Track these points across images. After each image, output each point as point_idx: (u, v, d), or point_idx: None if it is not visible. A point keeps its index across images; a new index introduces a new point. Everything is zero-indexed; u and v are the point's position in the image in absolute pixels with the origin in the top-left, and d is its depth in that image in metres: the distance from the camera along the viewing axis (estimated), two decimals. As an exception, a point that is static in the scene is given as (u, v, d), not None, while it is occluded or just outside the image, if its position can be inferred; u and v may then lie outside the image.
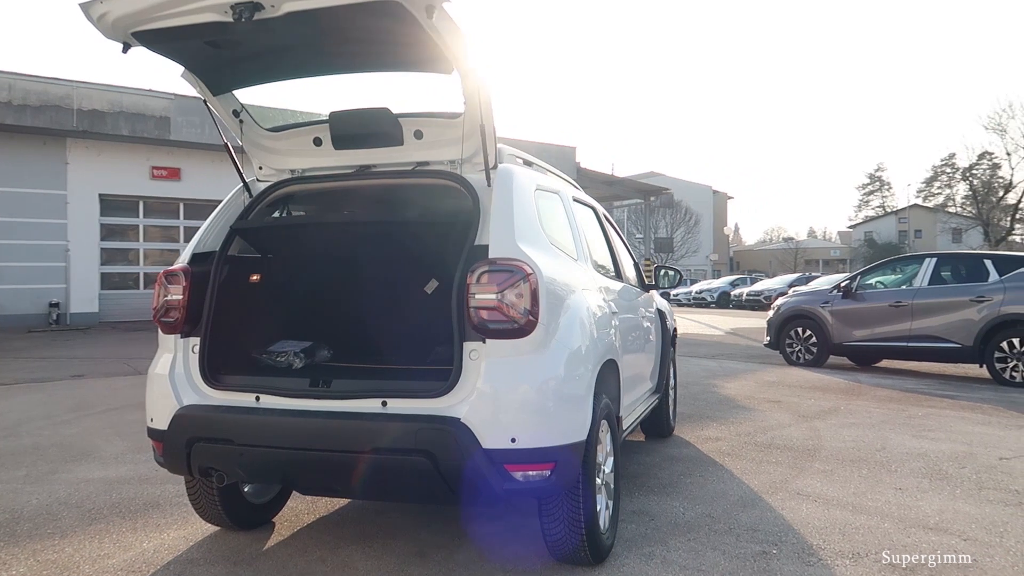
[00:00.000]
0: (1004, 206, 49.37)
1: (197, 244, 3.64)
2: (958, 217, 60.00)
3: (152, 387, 3.48)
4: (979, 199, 51.05)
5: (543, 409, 2.98)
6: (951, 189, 69.24)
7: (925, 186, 75.16)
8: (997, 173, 52.86)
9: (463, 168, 3.55)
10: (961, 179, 60.51)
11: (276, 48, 3.24)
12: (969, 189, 55.50)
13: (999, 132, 45.89)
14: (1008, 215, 49.17)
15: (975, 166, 55.48)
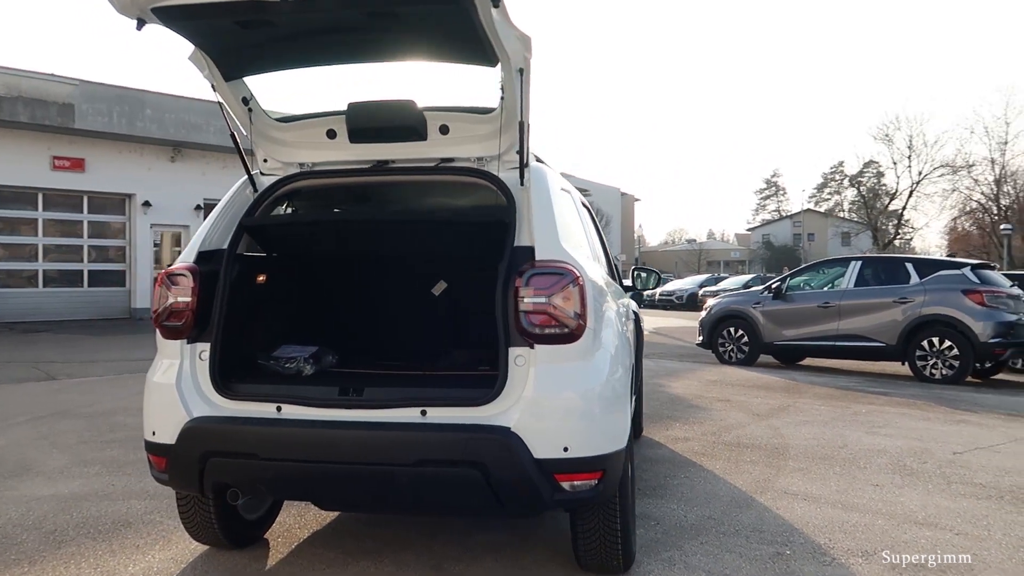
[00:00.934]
0: (889, 212, 52.42)
1: (203, 241, 3.35)
2: (849, 222, 63.34)
3: (154, 397, 3.18)
4: (868, 205, 54.01)
5: (594, 416, 2.89)
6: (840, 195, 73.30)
7: (817, 192, 79.26)
8: (881, 180, 56.16)
9: (491, 165, 3.41)
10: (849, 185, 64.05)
11: (312, 31, 3.01)
12: (857, 195, 58.66)
13: (886, 142, 48.61)
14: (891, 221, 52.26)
15: (861, 173, 58.82)
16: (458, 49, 3.08)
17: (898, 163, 48.90)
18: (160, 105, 19.62)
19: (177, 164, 20.69)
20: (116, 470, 5.26)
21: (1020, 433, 6.78)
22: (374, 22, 2.91)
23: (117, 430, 6.59)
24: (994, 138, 47.86)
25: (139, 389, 9.20)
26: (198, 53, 3.16)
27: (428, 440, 2.80)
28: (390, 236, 3.75)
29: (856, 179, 60.30)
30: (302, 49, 3.22)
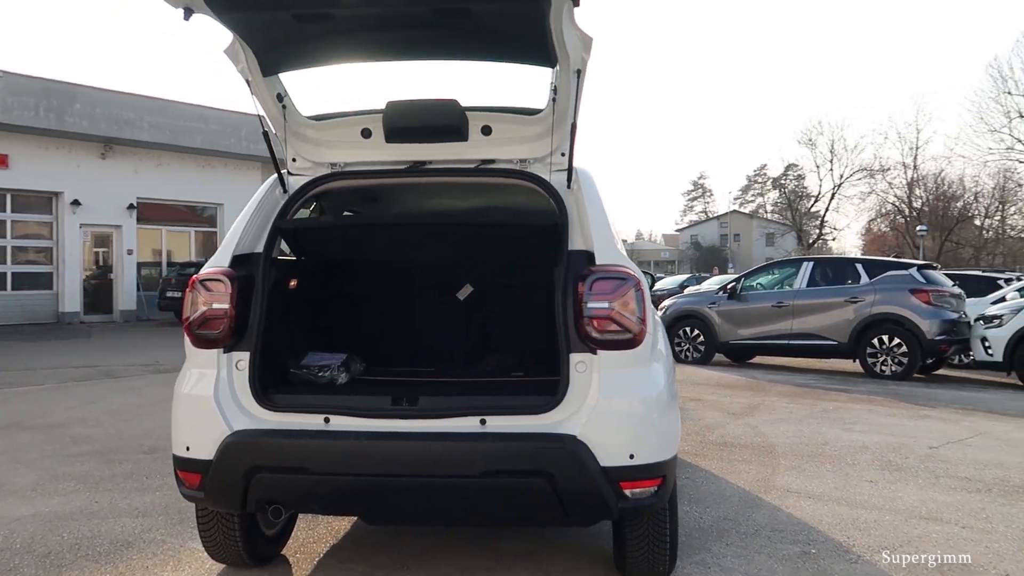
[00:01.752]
0: (812, 214, 54.36)
1: (237, 245, 3.16)
2: (774, 223, 65.43)
3: (188, 410, 2.99)
4: (793, 207, 55.87)
5: (656, 422, 2.86)
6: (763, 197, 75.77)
7: (742, 194, 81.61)
8: (803, 183, 58.21)
9: (535, 167, 3.33)
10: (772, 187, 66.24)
11: (371, 26, 2.88)
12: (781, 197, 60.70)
13: (810, 146, 50.43)
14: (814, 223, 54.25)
15: (783, 176, 60.91)
16: (520, 49, 3.01)
17: (821, 167, 50.81)
18: (91, 99, 18.76)
19: (108, 161, 19.82)
20: (94, 486, 4.96)
21: (983, 427, 7.08)
22: (442, 18, 2.81)
23: (80, 443, 6.24)
24: (907, 143, 50.17)
25: (90, 398, 8.79)
26: (239, 46, 2.98)
27: (494, 450, 2.71)
28: (433, 240, 3.63)
29: (779, 181, 62.45)
30: (354, 44, 3.08)
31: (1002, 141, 37.60)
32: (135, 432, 6.68)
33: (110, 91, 19.27)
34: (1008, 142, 37.31)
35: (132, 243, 20.62)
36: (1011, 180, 43.10)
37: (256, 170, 23.15)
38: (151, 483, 5.04)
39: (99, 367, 11.32)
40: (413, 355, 3.83)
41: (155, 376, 10.43)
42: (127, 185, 20.22)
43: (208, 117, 21.13)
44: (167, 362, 11.92)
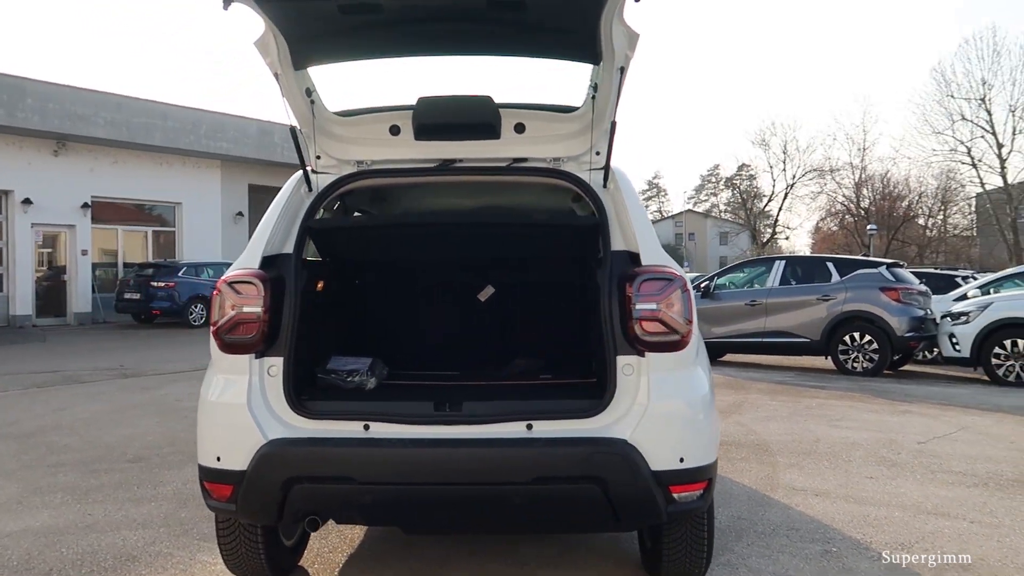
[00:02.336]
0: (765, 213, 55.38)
1: (266, 246, 3.02)
2: (728, 222, 66.47)
3: (217, 419, 2.86)
4: (747, 206, 56.83)
5: (703, 425, 2.83)
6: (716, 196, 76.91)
7: (695, 193, 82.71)
8: (755, 183, 59.25)
9: (569, 166, 3.27)
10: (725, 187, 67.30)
11: (418, 18, 2.78)
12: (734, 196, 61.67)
13: (763, 147, 51.36)
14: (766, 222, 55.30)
15: (735, 176, 61.95)
16: (566, 45, 2.94)
17: (774, 167, 51.79)
18: (43, 94, 18.11)
19: (61, 158, 19.17)
20: (82, 497, 4.76)
21: (963, 422, 7.24)
22: (494, 11, 2.73)
23: (57, 452, 5.99)
24: (855, 144, 51.42)
25: (58, 405, 8.50)
26: (272, 37, 2.84)
27: (545, 456, 2.65)
28: (462, 240, 3.54)
29: (731, 181, 63.49)
30: (395, 38, 2.98)
31: (945, 143, 38.81)
32: (114, 440, 6.44)
33: (63, 86, 18.62)
34: (951, 144, 38.51)
35: (86, 243, 19.98)
36: (953, 181, 44.49)
37: (216, 168, 22.68)
38: (143, 493, 4.86)
39: (61, 372, 10.92)
40: (438, 357, 3.73)
41: (122, 381, 10.11)
42: (81, 183, 19.59)
43: (167, 114, 20.59)
44: (132, 366, 11.58)
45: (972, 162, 38.33)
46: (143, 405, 8.14)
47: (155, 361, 12.25)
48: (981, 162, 37.92)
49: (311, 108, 3.21)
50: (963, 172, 41.18)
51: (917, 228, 49.24)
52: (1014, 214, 37.42)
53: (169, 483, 5.08)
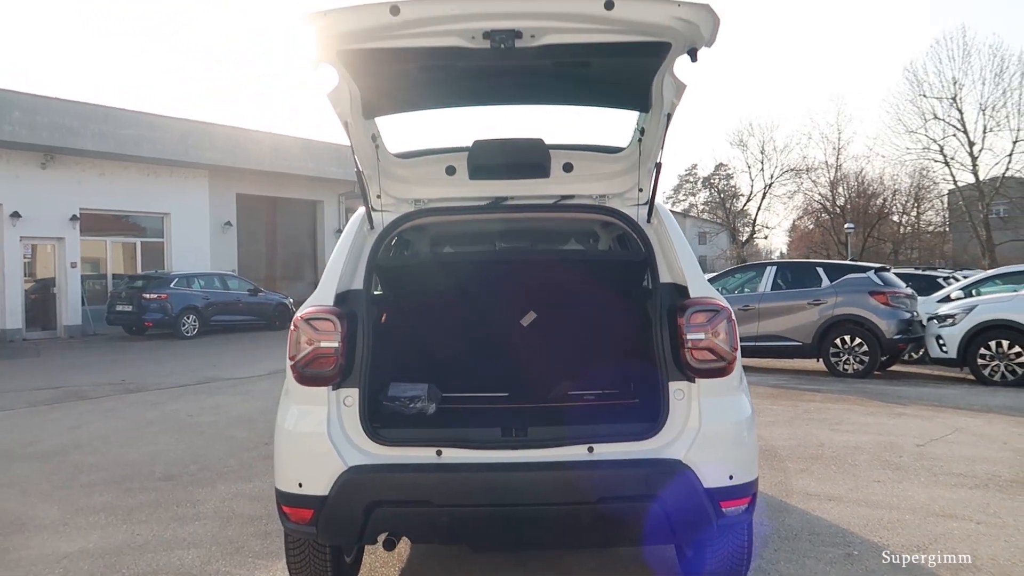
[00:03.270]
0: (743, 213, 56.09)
1: (338, 282, 3.21)
2: (708, 222, 67.18)
3: (298, 447, 3.04)
4: (725, 206, 57.50)
5: (748, 444, 3.07)
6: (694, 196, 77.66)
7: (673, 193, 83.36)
8: (731, 182, 59.95)
9: (613, 202, 3.50)
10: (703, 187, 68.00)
11: (489, 74, 2.99)
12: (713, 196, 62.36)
13: (741, 147, 52.05)
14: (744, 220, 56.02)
15: (713, 175, 62.64)
16: (622, 95, 3.17)
17: (752, 167, 52.49)
18: (31, 107, 18.06)
19: (49, 171, 19.12)
20: (125, 517, 4.91)
21: (957, 423, 7.57)
22: (559, 69, 2.95)
23: (85, 472, 6.12)
24: (829, 143, 52.21)
25: (71, 423, 8.63)
26: (347, 91, 3.04)
27: (609, 478, 2.87)
28: (519, 272, 3.75)
29: (709, 180, 64.19)
30: (462, 91, 3.19)
31: (918, 141, 39.50)
32: (138, 458, 6.57)
33: (51, 98, 18.58)
34: (924, 142, 39.22)
35: (75, 255, 19.93)
36: (926, 179, 45.33)
37: (203, 178, 22.68)
38: (183, 512, 5.01)
39: (64, 388, 10.98)
40: (487, 380, 3.94)
41: (129, 396, 10.19)
42: (69, 196, 19.54)
43: (154, 124, 20.59)
44: (134, 380, 11.65)
45: (945, 160, 39.10)
46: (157, 422, 8.25)
47: (156, 375, 12.32)
48: (953, 160, 38.72)
49: (376, 152, 3.42)
50: (936, 170, 42.00)
51: (892, 225, 50.14)
52: (986, 210, 38.23)
53: (206, 501, 5.24)
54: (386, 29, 2.59)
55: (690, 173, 78.43)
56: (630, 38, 2.63)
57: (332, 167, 24.81)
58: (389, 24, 2.55)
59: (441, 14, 2.54)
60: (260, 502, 5.15)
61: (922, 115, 38.61)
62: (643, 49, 2.69)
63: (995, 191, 37.55)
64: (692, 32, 2.59)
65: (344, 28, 2.59)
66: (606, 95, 3.30)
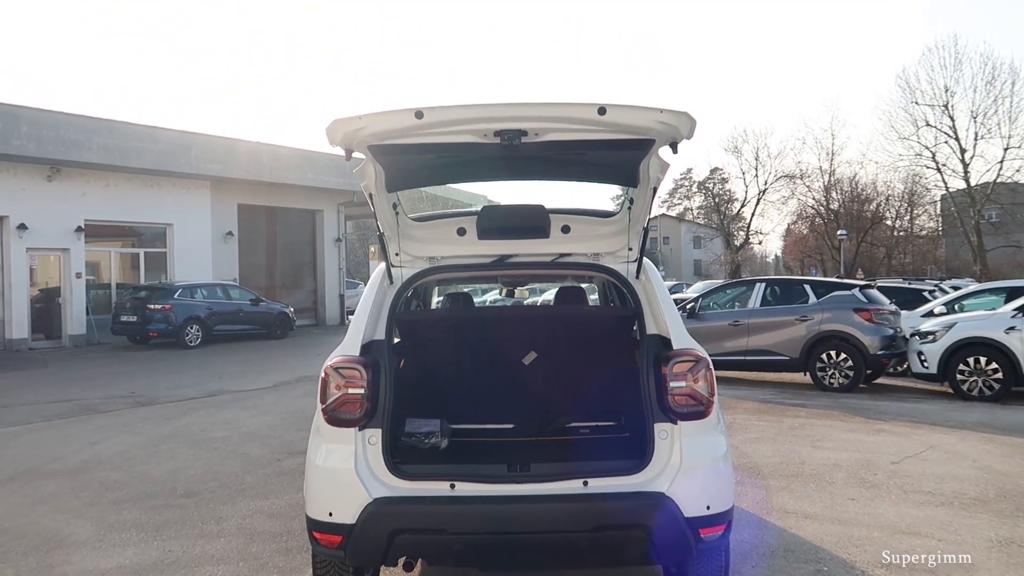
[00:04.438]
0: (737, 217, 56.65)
1: (363, 334, 3.64)
2: (703, 227, 67.76)
3: (328, 481, 3.45)
4: (722, 210, 58.03)
5: (725, 478, 3.49)
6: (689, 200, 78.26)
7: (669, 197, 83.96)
8: (726, 187, 60.51)
9: (606, 260, 3.93)
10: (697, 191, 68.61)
11: (500, 157, 3.41)
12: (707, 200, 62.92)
13: (736, 154, 52.65)
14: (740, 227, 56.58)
15: (707, 180, 63.25)
16: (613, 174, 3.61)
17: (746, 173, 53.05)
18: (37, 121, 18.43)
19: (55, 183, 19.49)
20: (156, 534, 5.30)
21: (931, 440, 8.01)
22: (561, 156, 3.38)
23: (112, 489, 6.51)
24: (823, 149, 52.72)
25: (90, 439, 9.03)
26: (373, 170, 3.46)
27: (602, 508, 3.29)
28: (523, 324, 4.18)
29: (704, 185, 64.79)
30: (476, 171, 3.63)
31: (911, 148, 40.04)
32: (159, 475, 6.95)
33: (57, 112, 18.96)
34: (916, 148, 39.76)
35: (80, 266, 20.30)
36: (919, 184, 45.90)
37: (205, 189, 23.07)
38: (209, 529, 5.40)
39: (77, 401, 11.35)
40: (493, 414, 4.36)
41: (140, 410, 10.57)
42: (75, 207, 19.92)
43: (157, 137, 20.98)
44: (144, 393, 12.03)
45: (936, 166, 39.64)
46: (171, 437, 8.63)
47: (164, 387, 12.68)
48: (945, 166, 39.28)
49: (396, 219, 3.85)
50: (928, 176, 42.61)
51: (885, 230, 50.71)
52: (977, 216, 38.78)
53: (228, 518, 5.63)
54: (411, 130, 3.01)
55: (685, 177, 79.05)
56: (620, 136, 3.06)
57: (331, 177, 25.27)
58: (414, 126, 2.97)
59: (459, 118, 2.97)
60: (279, 519, 5.55)
61: (914, 122, 39.21)
62: (631, 143, 3.13)
63: (986, 197, 38.12)
64: (673, 131, 3.02)
65: (374, 130, 3.01)
66: (599, 174, 3.73)
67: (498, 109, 2.94)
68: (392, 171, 3.53)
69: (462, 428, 4.15)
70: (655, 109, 2.91)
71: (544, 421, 4.28)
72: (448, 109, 2.93)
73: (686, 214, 76.13)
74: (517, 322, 4.20)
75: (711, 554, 3.69)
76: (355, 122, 2.96)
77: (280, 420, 9.61)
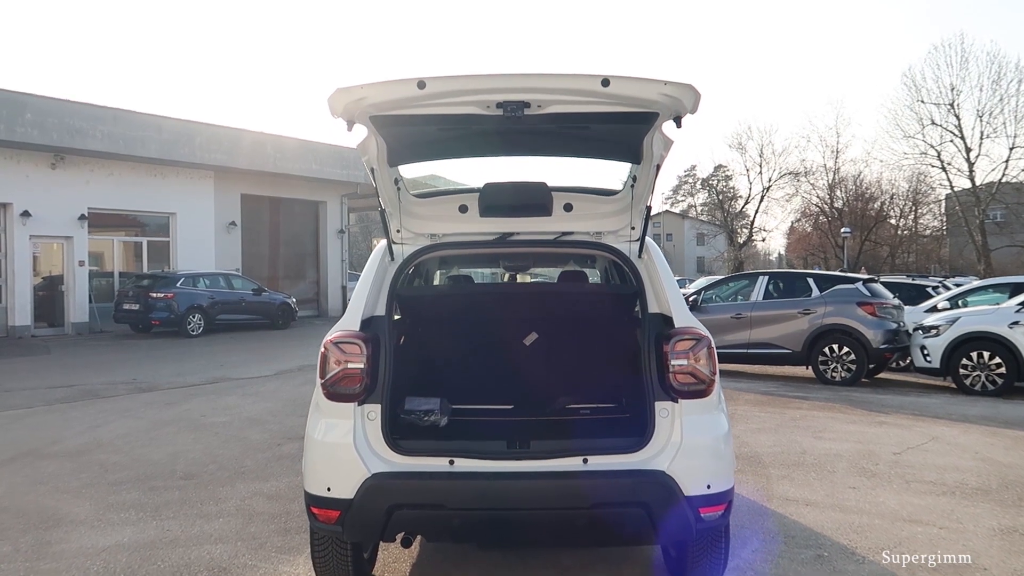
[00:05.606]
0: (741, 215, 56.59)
1: (364, 309, 3.61)
2: (706, 223, 67.70)
3: (327, 455, 3.44)
4: (725, 207, 57.95)
5: (725, 456, 3.47)
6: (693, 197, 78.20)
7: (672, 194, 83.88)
8: (730, 184, 60.45)
9: (608, 239, 3.91)
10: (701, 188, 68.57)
11: (502, 132, 3.39)
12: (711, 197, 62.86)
13: (740, 150, 52.62)
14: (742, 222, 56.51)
15: (711, 177, 63.18)
16: (616, 150, 3.58)
17: (750, 170, 52.99)
18: (41, 108, 18.42)
19: (59, 171, 19.50)
20: (154, 514, 5.30)
21: (934, 432, 7.98)
22: (564, 130, 3.35)
23: (112, 470, 6.51)
24: (828, 147, 52.63)
25: (91, 422, 9.05)
26: (375, 144, 3.44)
27: (601, 486, 3.27)
28: (524, 301, 4.16)
29: (708, 182, 64.74)
30: (478, 145, 3.60)
31: (916, 146, 39.98)
32: (159, 457, 6.95)
33: (62, 100, 18.96)
34: (921, 147, 39.69)
35: (84, 254, 20.32)
36: (923, 183, 45.81)
37: (209, 179, 23.07)
38: (208, 509, 5.40)
39: (79, 387, 11.36)
40: (494, 393, 4.35)
41: (142, 396, 10.58)
42: (78, 195, 19.93)
43: (162, 126, 20.97)
44: (146, 380, 12.04)
45: (942, 165, 39.58)
46: (173, 422, 8.64)
47: (165, 375, 12.69)
48: (950, 165, 39.22)
49: (398, 194, 3.83)
50: (933, 175, 42.53)
51: (889, 229, 50.62)
52: (982, 216, 38.69)
53: (228, 500, 5.63)
54: (413, 100, 2.99)
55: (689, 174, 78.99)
56: (623, 108, 3.03)
57: (335, 168, 25.28)
58: (416, 96, 2.95)
59: (462, 88, 2.94)
60: (278, 501, 5.55)
61: (920, 120, 39.16)
62: (635, 116, 3.10)
63: (991, 197, 38.05)
64: (676, 104, 3.00)
65: (376, 100, 2.98)
66: (602, 150, 3.71)
67: (501, 80, 2.92)
68: (394, 144, 3.51)
69: (462, 408, 4.13)
70: (659, 81, 2.89)
71: (544, 401, 4.26)
72: (451, 79, 2.91)
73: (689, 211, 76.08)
74: (519, 299, 4.17)
75: (711, 535, 3.67)
76: (357, 91, 2.94)
77: (281, 406, 9.61)
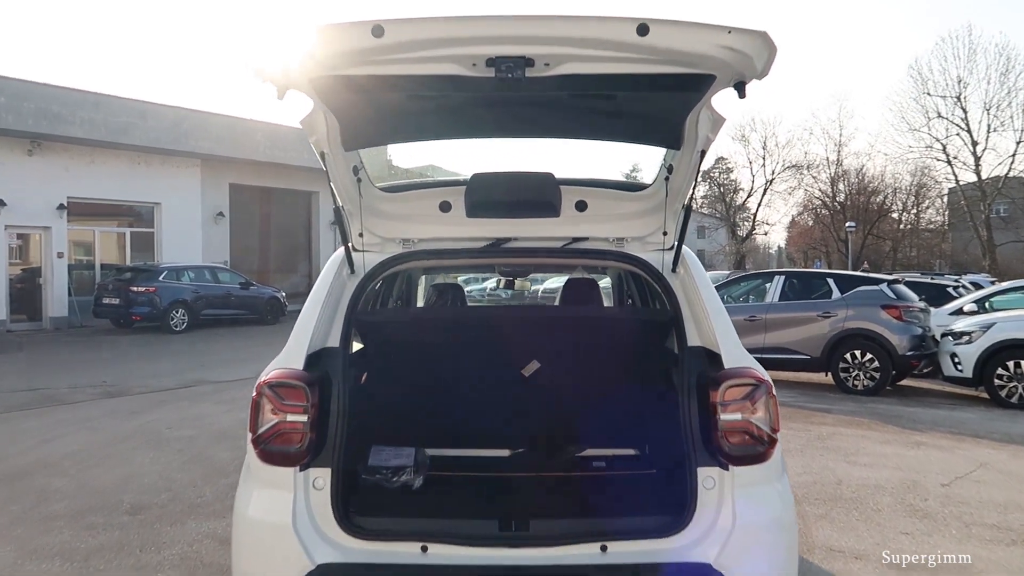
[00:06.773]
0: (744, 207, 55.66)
1: (310, 340, 2.70)
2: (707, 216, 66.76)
3: (259, 539, 2.59)
4: (727, 200, 57.00)
5: (792, 546, 2.62)
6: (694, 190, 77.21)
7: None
8: (730, 176, 59.40)
9: (632, 247, 3.02)
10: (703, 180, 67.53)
11: (491, 104, 2.51)
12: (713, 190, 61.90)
13: (743, 142, 51.59)
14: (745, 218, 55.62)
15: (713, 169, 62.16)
16: (649, 131, 2.70)
17: (753, 162, 52.03)
18: (17, 92, 17.49)
19: (36, 158, 18.57)
20: (82, 564, 4.46)
21: (980, 456, 7.13)
22: (581, 102, 2.47)
23: (50, 500, 5.67)
24: (831, 140, 51.70)
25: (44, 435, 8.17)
26: (323, 120, 2.56)
27: None
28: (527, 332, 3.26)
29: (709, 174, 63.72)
30: (462, 122, 2.72)
31: (921, 140, 39.15)
32: (107, 483, 6.12)
33: (39, 84, 18.02)
34: (927, 140, 38.82)
35: (63, 245, 19.42)
36: (927, 177, 44.93)
37: (195, 167, 22.15)
38: (147, 559, 4.56)
39: (41, 390, 10.53)
40: (483, 437, 3.47)
41: (108, 402, 9.74)
42: (57, 184, 19.00)
43: (146, 112, 20.04)
44: (116, 382, 11.20)
45: (947, 159, 38.80)
46: (133, 435, 7.80)
47: (139, 375, 11.87)
48: (956, 159, 38.39)
49: (357, 187, 2.93)
50: (938, 168, 41.67)
51: (891, 223, 49.72)
52: (988, 210, 37.87)
53: (173, 544, 4.79)
54: (368, 53, 2.11)
55: (690, 166, 77.99)
56: (666, 69, 2.15)
57: (328, 158, 24.30)
58: (371, 47, 2.07)
59: (435, 36, 2.06)
60: (230, 546, 4.70)
61: (925, 113, 38.29)
62: (680, 82, 2.22)
63: (997, 191, 37.23)
64: (743, 63, 2.12)
65: (317, 53, 2.10)
66: (630, 131, 2.82)
67: (491, 24, 2.03)
68: (348, 121, 2.61)
69: (443, 456, 3.26)
70: (720, 27, 2.02)
71: (548, 448, 3.39)
72: (419, 23, 2.03)
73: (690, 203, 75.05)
74: (516, 326, 3.27)
75: None
76: (287, 42, 2.07)
77: (255, 418, 8.75)
